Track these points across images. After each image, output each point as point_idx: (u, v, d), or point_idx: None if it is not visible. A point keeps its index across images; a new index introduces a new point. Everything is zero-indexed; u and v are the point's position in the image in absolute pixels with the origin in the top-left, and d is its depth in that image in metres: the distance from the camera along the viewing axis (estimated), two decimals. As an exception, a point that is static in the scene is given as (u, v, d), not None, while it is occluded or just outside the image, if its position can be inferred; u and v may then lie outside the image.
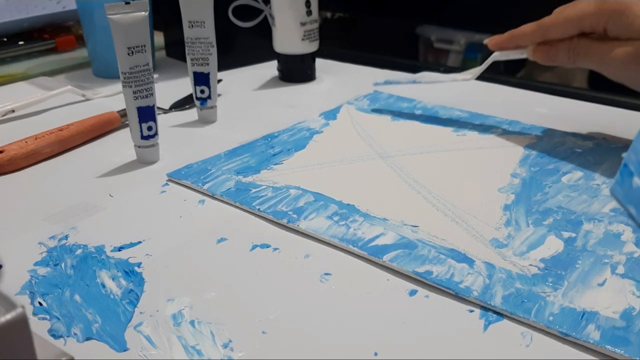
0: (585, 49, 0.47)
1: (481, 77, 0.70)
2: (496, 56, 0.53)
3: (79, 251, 0.37)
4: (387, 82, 0.61)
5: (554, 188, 0.44)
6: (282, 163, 0.49)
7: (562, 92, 0.65)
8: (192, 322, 0.31)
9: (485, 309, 0.32)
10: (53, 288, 0.34)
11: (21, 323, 0.21)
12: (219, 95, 0.61)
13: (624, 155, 0.27)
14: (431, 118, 0.58)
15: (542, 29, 0.49)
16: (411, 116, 0.58)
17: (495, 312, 0.31)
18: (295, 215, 0.40)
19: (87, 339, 0.30)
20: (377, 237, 0.38)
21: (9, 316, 0.20)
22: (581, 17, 0.46)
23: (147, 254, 0.37)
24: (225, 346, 0.29)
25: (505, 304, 0.31)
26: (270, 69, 0.74)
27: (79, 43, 0.84)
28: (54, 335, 0.30)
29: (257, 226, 0.40)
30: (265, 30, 0.70)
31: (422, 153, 0.50)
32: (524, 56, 0.52)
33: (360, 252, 0.36)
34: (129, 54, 0.46)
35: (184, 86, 0.66)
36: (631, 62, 0.45)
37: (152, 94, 0.48)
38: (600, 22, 0.46)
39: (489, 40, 0.53)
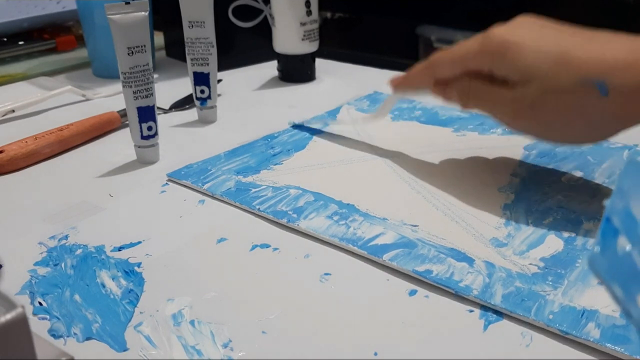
0: (475, 93, 0.42)
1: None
2: (396, 97, 0.50)
3: (79, 251, 0.37)
4: (304, 123, 0.57)
5: (553, 188, 0.44)
6: (282, 163, 0.49)
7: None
8: (192, 322, 0.31)
9: (485, 308, 0.32)
10: (53, 288, 0.34)
11: (21, 323, 0.21)
12: (219, 95, 0.61)
13: (606, 203, 0.20)
14: (431, 118, 0.58)
15: (430, 68, 0.44)
16: (411, 116, 0.58)
17: (495, 312, 0.31)
18: (295, 215, 0.40)
19: (87, 339, 0.30)
20: (377, 236, 0.38)
21: (9, 316, 0.20)
22: (465, 57, 0.42)
23: (147, 254, 0.37)
24: (225, 346, 0.29)
25: (505, 303, 0.31)
26: (270, 69, 0.74)
27: (79, 43, 0.84)
28: (54, 335, 0.30)
29: (257, 226, 0.40)
30: (265, 30, 0.70)
31: (422, 153, 0.50)
32: (424, 94, 0.46)
33: (360, 252, 0.36)
34: (129, 54, 0.46)
35: (184, 86, 0.66)
36: (518, 112, 0.40)
37: (152, 94, 0.48)
38: (484, 63, 0.40)
39: (390, 81, 0.48)
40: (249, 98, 0.67)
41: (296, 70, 0.71)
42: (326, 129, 0.55)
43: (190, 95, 0.60)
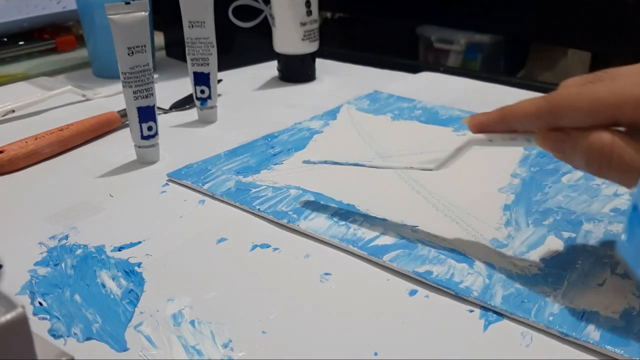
0: (623, 152, 0.29)
1: (481, 77, 0.70)
2: (477, 141, 0.35)
3: (79, 251, 0.37)
4: (323, 162, 0.43)
5: (554, 188, 0.44)
6: (282, 163, 0.49)
7: (562, 92, 0.65)
8: (192, 322, 0.31)
9: (485, 309, 0.32)
10: (53, 288, 0.34)
11: (21, 323, 0.21)
12: (219, 95, 0.61)
13: (634, 192, 0.19)
14: (431, 118, 0.58)
15: (553, 111, 0.31)
16: (411, 116, 0.58)
17: (495, 312, 0.31)
18: (295, 215, 0.40)
19: (87, 339, 0.30)
20: (377, 237, 0.38)
21: (9, 316, 0.20)
22: (619, 105, 0.29)
23: (147, 254, 0.37)
24: (225, 346, 0.29)
25: (505, 304, 0.31)
26: (270, 69, 0.74)
27: (79, 43, 0.84)
28: (54, 335, 0.30)
29: (257, 226, 0.40)
30: (265, 30, 0.70)
31: (422, 153, 0.50)
32: (521, 144, 0.34)
33: (360, 252, 0.36)
34: (129, 54, 0.46)
35: (184, 86, 0.66)
36: None
37: (152, 94, 0.48)
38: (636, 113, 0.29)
39: (470, 120, 0.35)
40: (249, 98, 0.67)
41: (296, 70, 0.71)
42: (326, 129, 0.55)
43: (191, 95, 0.60)
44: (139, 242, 0.38)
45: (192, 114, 0.61)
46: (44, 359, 0.23)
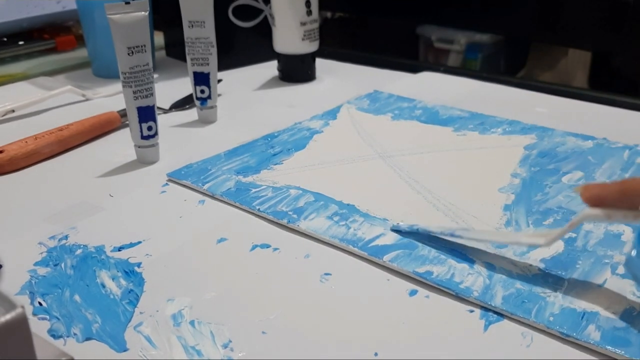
0: None
1: (481, 77, 0.70)
2: (593, 216, 0.30)
3: (79, 251, 0.37)
4: (410, 228, 0.38)
5: (554, 188, 0.44)
6: (282, 163, 0.49)
7: (562, 92, 0.65)
8: (192, 322, 0.31)
9: (485, 309, 0.32)
10: (53, 288, 0.34)
11: (21, 323, 0.21)
12: (219, 95, 0.61)
13: None
14: (431, 118, 0.58)
15: None
16: (411, 116, 0.58)
17: (495, 312, 0.31)
18: (295, 215, 0.40)
19: (87, 339, 0.30)
20: (377, 237, 0.38)
21: (8, 316, 0.20)
22: None
23: (147, 254, 0.37)
24: (225, 346, 0.29)
25: (506, 304, 0.31)
26: (270, 69, 0.74)
27: (79, 43, 0.84)
28: (53, 336, 0.30)
29: (257, 226, 0.40)
30: (265, 30, 0.69)
31: (422, 153, 0.50)
32: None
33: (360, 252, 0.36)
34: (129, 54, 0.46)
35: (184, 86, 0.66)
36: None
37: (152, 94, 0.48)
38: None
39: (583, 191, 0.31)
40: (249, 98, 0.67)
41: (296, 70, 0.71)
42: (326, 128, 0.55)
43: (191, 95, 0.60)
44: (139, 242, 0.38)
45: (192, 113, 0.61)
46: (43, 359, 0.23)
